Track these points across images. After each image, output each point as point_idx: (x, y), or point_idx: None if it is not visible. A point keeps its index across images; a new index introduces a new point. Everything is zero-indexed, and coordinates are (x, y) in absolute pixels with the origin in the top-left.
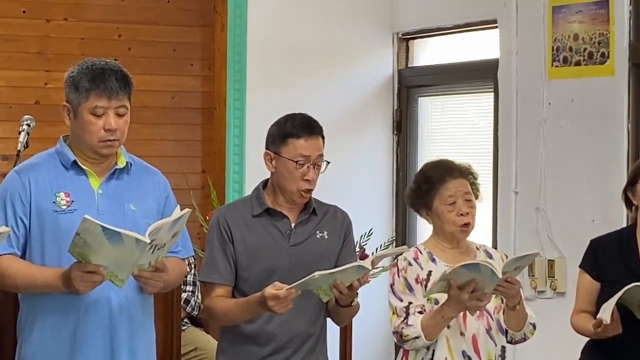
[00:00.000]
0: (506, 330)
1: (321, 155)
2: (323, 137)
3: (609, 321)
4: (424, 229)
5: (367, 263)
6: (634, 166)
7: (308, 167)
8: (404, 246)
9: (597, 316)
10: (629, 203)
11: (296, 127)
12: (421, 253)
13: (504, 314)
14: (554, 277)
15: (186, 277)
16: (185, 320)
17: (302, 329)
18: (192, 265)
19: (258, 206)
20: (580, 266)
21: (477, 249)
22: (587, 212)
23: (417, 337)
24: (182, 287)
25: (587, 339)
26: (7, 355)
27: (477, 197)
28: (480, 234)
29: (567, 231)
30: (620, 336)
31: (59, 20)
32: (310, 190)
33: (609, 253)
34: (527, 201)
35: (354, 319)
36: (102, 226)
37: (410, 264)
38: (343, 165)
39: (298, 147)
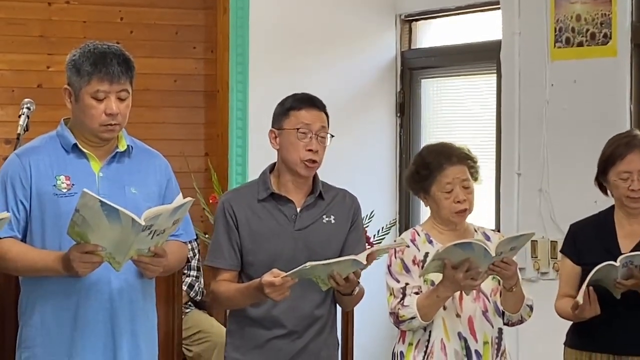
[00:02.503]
0: (503, 312)
1: (324, 127)
2: (327, 114)
3: (581, 301)
4: (426, 211)
5: (362, 258)
6: (603, 154)
7: (310, 137)
8: (402, 240)
9: (576, 299)
10: (603, 189)
11: (297, 101)
12: (418, 235)
13: (500, 295)
14: (556, 258)
15: (190, 262)
16: (189, 303)
17: (308, 312)
18: (197, 251)
19: (264, 191)
20: (561, 251)
21: (475, 231)
22: (590, 193)
23: (413, 318)
24: (186, 272)
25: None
26: (9, 338)
27: (476, 180)
28: (484, 216)
29: (569, 212)
30: (600, 317)
31: (61, 4)
32: (314, 162)
33: (588, 237)
34: (530, 183)
35: None
36: (100, 201)
37: (407, 246)
38: (346, 147)
39: (299, 117)
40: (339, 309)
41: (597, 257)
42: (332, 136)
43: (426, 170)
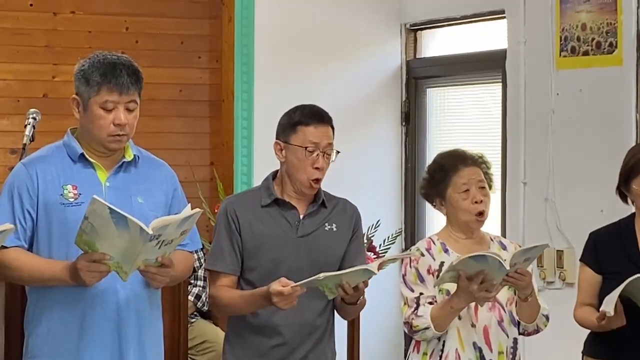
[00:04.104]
0: (518, 322)
1: (330, 144)
2: (333, 128)
3: (612, 313)
4: (432, 220)
5: (373, 267)
6: (626, 164)
7: (318, 154)
8: (413, 251)
9: (600, 309)
10: (623, 197)
11: (305, 116)
12: (434, 244)
13: (516, 305)
14: (562, 267)
15: (197, 272)
16: (195, 312)
17: (307, 321)
18: (203, 261)
19: (267, 197)
20: (580, 260)
21: (492, 240)
22: (596, 203)
23: (426, 328)
24: (193, 282)
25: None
26: (15, 348)
27: (490, 187)
28: (489, 225)
29: (575, 222)
30: (623, 328)
31: (66, 14)
32: (319, 180)
33: (609, 245)
34: (536, 192)
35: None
36: (109, 208)
37: (422, 255)
38: (351, 157)
39: (308, 134)
40: (337, 318)
41: (619, 266)
42: (338, 152)
43: (441, 173)
